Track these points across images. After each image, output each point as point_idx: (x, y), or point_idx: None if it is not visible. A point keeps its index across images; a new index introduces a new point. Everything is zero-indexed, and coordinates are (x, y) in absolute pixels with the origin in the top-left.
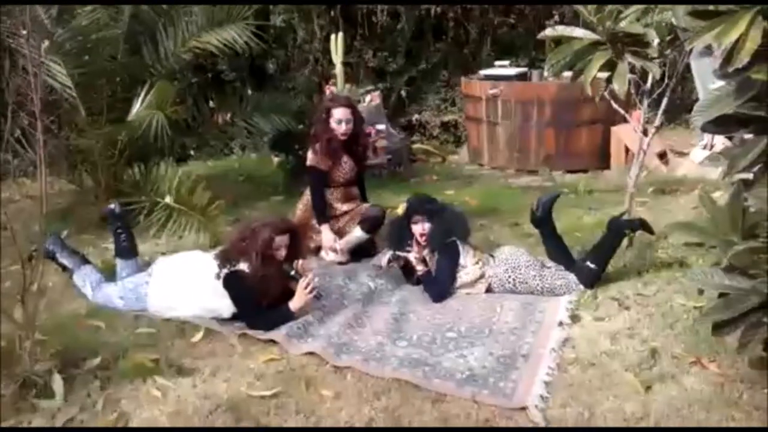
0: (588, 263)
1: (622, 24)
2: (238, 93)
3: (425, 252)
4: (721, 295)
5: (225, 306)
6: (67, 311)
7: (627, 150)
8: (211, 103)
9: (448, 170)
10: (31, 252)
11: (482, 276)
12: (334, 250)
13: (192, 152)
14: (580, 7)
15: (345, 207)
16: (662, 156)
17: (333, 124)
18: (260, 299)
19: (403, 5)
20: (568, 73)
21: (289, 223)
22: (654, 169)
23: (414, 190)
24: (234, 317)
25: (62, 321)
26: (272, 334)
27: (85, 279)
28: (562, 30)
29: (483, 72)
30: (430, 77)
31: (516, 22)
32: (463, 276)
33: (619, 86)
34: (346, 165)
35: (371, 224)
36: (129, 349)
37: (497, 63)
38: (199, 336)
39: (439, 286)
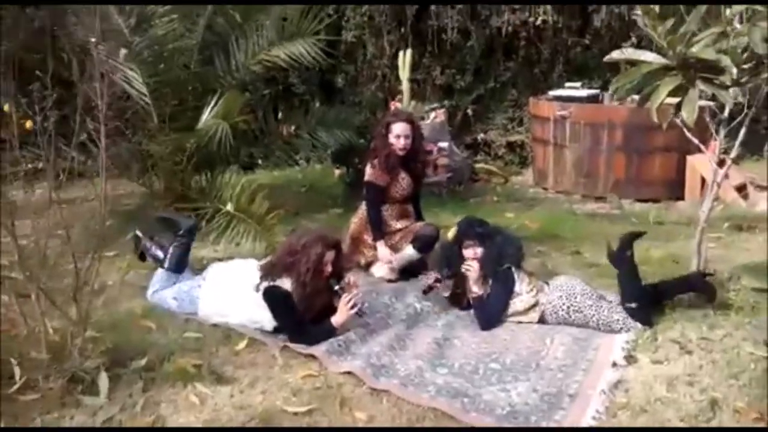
0: (627, 304)
1: (695, 49)
2: (305, 106)
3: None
4: None
5: (266, 318)
6: (124, 309)
7: (703, 181)
8: (280, 115)
9: (510, 191)
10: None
11: (536, 304)
12: (390, 263)
13: (260, 161)
14: (650, 30)
15: (399, 224)
16: (741, 189)
17: (392, 138)
18: (305, 314)
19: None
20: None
21: (335, 238)
22: (731, 202)
23: (472, 211)
24: (276, 330)
25: (118, 319)
26: (313, 350)
27: (162, 280)
28: (630, 53)
29: (552, 93)
30: (498, 96)
31: (590, 43)
32: (517, 304)
33: (688, 114)
34: (404, 181)
35: (424, 243)
36: (175, 352)
37: (568, 84)
38: (242, 345)
39: (490, 313)
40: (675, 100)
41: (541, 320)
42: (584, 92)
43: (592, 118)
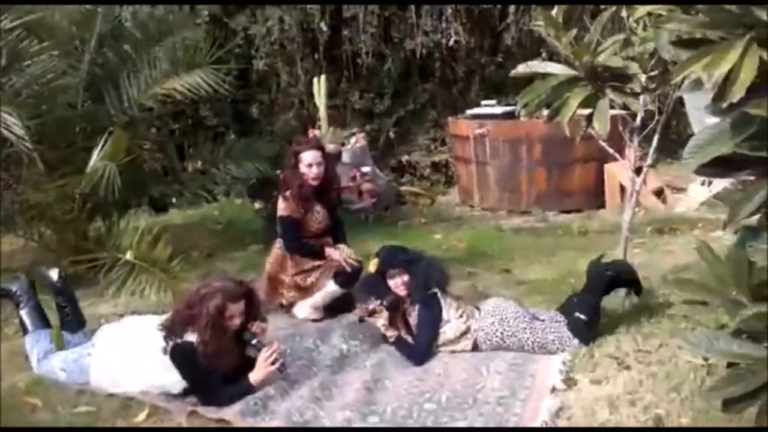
0: (577, 314)
1: (601, 58)
2: (219, 139)
3: (406, 305)
4: (730, 364)
5: (173, 381)
6: (7, 385)
7: (622, 188)
8: (191, 150)
9: (437, 212)
10: None
11: (467, 330)
12: (350, 259)
13: (174, 200)
14: (553, 40)
15: (317, 261)
16: (659, 193)
17: (303, 168)
18: (212, 373)
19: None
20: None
21: (244, 287)
22: (651, 207)
23: (402, 235)
24: (186, 392)
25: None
26: (224, 413)
27: (34, 345)
28: (535, 66)
29: (470, 111)
30: (418, 118)
31: (504, 60)
32: (447, 332)
33: (600, 125)
34: (319, 214)
35: (345, 278)
36: None
37: (484, 102)
38: (143, 415)
39: (421, 347)
40: (587, 111)
41: (475, 348)
42: (500, 109)
43: (510, 135)
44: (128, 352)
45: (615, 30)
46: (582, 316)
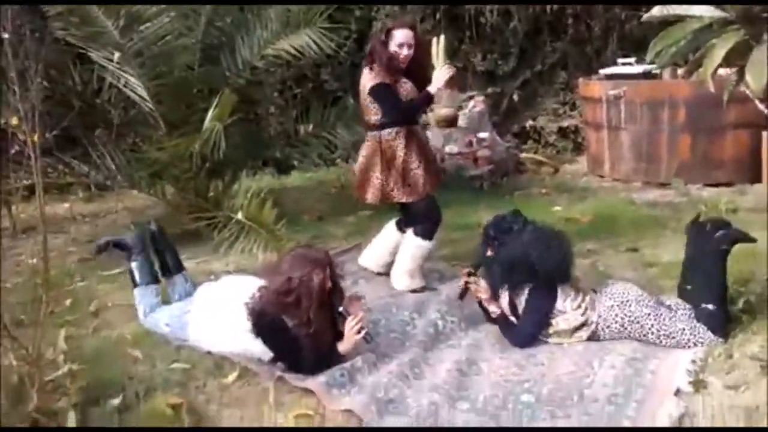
0: (703, 304)
1: None
2: (337, 103)
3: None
4: None
5: (262, 350)
6: (115, 335)
7: None
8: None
9: (561, 182)
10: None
11: (584, 324)
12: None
13: (296, 163)
14: None
15: (414, 157)
16: None
17: (393, 47)
18: (316, 352)
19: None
20: None
21: (322, 251)
22: None
23: (516, 205)
24: (275, 360)
25: (105, 347)
26: (310, 382)
27: (141, 299)
28: (675, 7)
29: (604, 71)
30: (546, 79)
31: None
32: (560, 323)
33: (755, 81)
34: (407, 84)
35: (425, 226)
36: (158, 387)
37: (620, 60)
38: (233, 377)
39: (523, 332)
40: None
41: (593, 338)
42: (639, 68)
43: (650, 96)
44: (221, 314)
45: None
46: (709, 306)
